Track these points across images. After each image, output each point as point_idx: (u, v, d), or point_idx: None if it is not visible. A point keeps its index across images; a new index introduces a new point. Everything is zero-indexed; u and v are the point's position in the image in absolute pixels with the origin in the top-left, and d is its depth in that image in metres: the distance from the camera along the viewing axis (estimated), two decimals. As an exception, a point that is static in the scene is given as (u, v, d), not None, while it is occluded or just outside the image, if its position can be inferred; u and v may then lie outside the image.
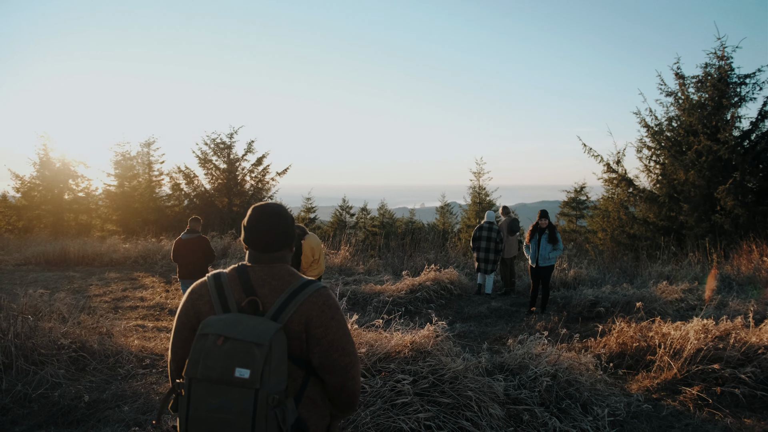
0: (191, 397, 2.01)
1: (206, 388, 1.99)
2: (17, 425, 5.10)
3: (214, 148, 28.63)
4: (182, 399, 2.04)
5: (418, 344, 5.46)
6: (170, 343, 2.28)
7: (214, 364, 1.97)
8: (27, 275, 14.68)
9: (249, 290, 2.19)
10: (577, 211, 32.97)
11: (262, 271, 2.25)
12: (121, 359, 7.00)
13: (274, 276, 2.24)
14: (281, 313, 2.12)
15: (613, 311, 9.76)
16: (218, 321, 2.07)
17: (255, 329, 2.02)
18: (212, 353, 1.99)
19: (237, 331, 2.01)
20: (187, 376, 2.03)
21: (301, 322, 2.14)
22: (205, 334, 2.04)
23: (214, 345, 2.00)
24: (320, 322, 2.16)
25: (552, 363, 5.78)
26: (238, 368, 1.95)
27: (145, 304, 11.44)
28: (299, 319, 2.14)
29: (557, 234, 10.55)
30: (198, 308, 2.22)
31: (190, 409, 2.01)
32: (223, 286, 2.21)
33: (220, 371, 1.96)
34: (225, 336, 2.00)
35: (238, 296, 2.19)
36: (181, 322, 2.26)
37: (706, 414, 5.59)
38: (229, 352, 1.98)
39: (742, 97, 18.64)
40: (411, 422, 4.54)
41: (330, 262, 15.51)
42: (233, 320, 2.07)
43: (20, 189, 28.58)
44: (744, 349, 6.47)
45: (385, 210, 38.22)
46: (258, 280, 2.22)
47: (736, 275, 12.73)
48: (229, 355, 1.97)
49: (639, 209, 21.70)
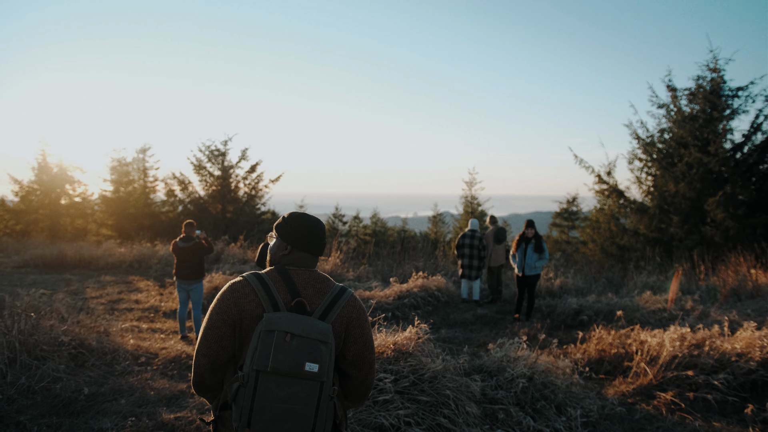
0: (258, 388, 2.15)
1: (275, 381, 2.15)
2: (22, 414, 5.37)
3: (209, 155, 28.86)
4: (246, 390, 2.16)
5: (400, 345, 5.74)
6: (201, 338, 2.37)
7: (285, 358, 2.14)
8: (26, 277, 14.88)
9: (294, 291, 2.37)
10: (569, 222, 33.27)
11: (304, 274, 2.45)
12: (118, 357, 7.29)
13: (316, 279, 2.45)
14: (328, 314, 2.34)
15: (595, 320, 10.04)
16: (280, 318, 2.22)
17: (315, 328, 2.22)
18: (283, 348, 2.15)
19: (301, 329, 2.19)
20: (255, 368, 2.16)
21: (343, 323, 2.38)
22: (271, 331, 2.18)
23: (283, 341, 2.16)
24: (358, 323, 2.42)
25: (529, 366, 6.07)
26: (308, 363, 2.15)
27: (139, 307, 11.68)
28: (341, 320, 2.38)
29: (543, 243, 10.79)
30: (242, 306, 2.32)
31: (256, 400, 2.14)
32: (269, 286, 2.36)
33: (290, 365, 2.14)
34: (292, 333, 2.18)
35: (284, 296, 2.36)
36: (220, 318, 2.33)
37: (677, 418, 5.88)
38: (299, 348, 2.16)
39: (735, 110, 18.80)
40: (391, 418, 4.81)
41: (321, 268, 15.74)
42: (293, 319, 2.23)
43: (18, 193, 28.78)
44: (718, 357, 6.76)
45: (377, 218, 38.45)
46: (302, 282, 2.41)
47: (722, 287, 13.02)
48: (300, 351, 2.16)
49: (630, 220, 21.86)
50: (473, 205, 32.19)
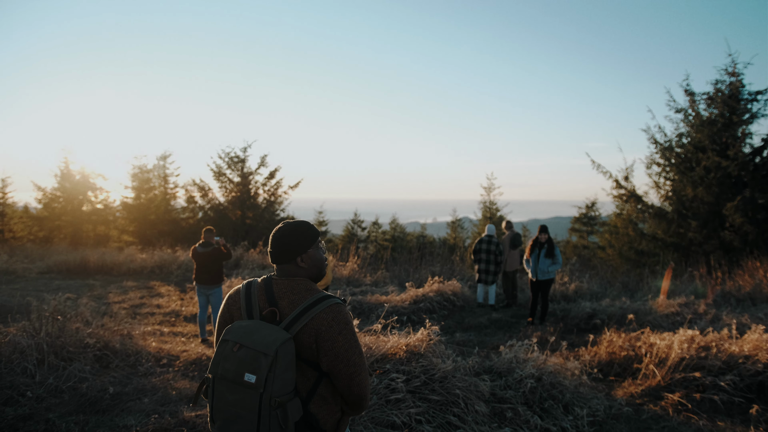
0: (214, 390, 2.38)
1: (224, 386, 2.34)
2: (51, 412, 5.64)
3: (228, 161, 29.27)
4: (209, 390, 2.41)
5: (413, 347, 5.93)
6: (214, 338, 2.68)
7: (230, 367, 2.32)
8: (50, 283, 15.27)
9: (272, 301, 2.51)
10: (588, 227, 33.14)
11: (284, 284, 2.56)
12: (141, 358, 7.59)
13: (293, 290, 2.53)
14: (293, 324, 2.42)
15: (608, 323, 10.15)
16: (239, 328, 2.39)
17: (265, 339, 2.32)
18: (229, 358, 2.33)
19: (251, 340, 2.32)
20: (211, 372, 2.39)
21: (312, 334, 2.41)
22: (225, 340, 2.38)
23: (231, 351, 2.34)
24: (328, 336, 2.42)
25: (538, 367, 6.23)
26: (247, 373, 2.28)
27: (161, 311, 11.97)
28: (309, 331, 2.41)
29: (555, 248, 10.92)
30: (231, 312, 2.59)
31: (214, 400, 2.38)
32: (251, 295, 2.56)
33: (234, 374, 2.30)
34: (240, 344, 2.33)
35: (262, 305, 2.51)
36: (219, 323, 2.64)
37: (683, 418, 6.01)
38: (241, 358, 2.30)
39: (754, 114, 18.68)
40: (403, 416, 5.01)
41: (339, 273, 15.98)
42: (251, 328, 2.38)
43: (42, 200, 29.26)
44: (725, 359, 6.88)
45: (396, 224, 38.54)
46: (279, 292, 2.53)
47: (737, 291, 13.06)
48: (241, 362, 2.30)
49: (648, 225, 21.81)
50: (492, 210, 32.21)
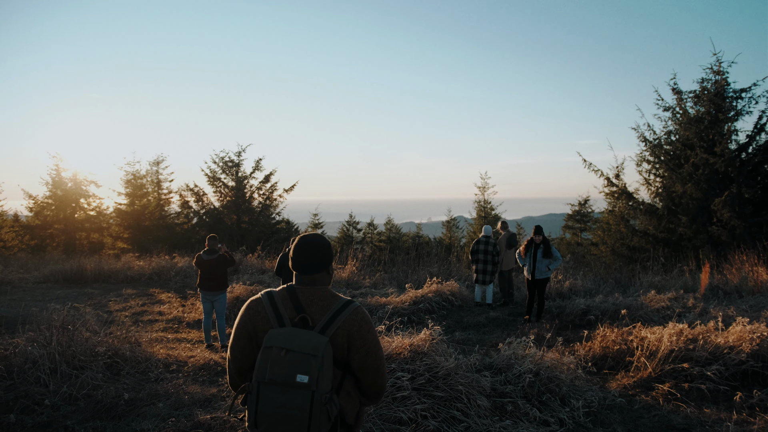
0: (260, 395, 2.52)
1: (272, 390, 2.50)
2: (68, 419, 5.86)
3: (223, 166, 29.41)
4: (251, 396, 2.56)
5: (416, 346, 6.21)
6: (229, 348, 2.86)
7: (279, 371, 2.48)
8: (48, 292, 15.38)
9: (299, 308, 2.71)
10: (581, 224, 33.37)
11: (309, 292, 2.78)
12: (151, 365, 7.82)
13: (320, 297, 2.77)
14: (327, 328, 2.65)
15: (602, 319, 10.44)
16: (279, 335, 2.58)
17: (309, 343, 2.54)
18: (277, 362, 2.50)
19: (295, 345, 2.53)
20: (256, 379, 2.54)
21: (344, 335, 2.67)
22: (269, 347, 2.55)
23: (278, 356, 2.51)
24: (359, 335, 2.70)
25: (535, 362, 6.53)
26: (299, 374, 2.47)
27: (163, 318, 12.18)
28: (342, 332, 2.66)
29: (551, 249, 11.21)
30: (255, 322, 2.74)
31: (258, 405, 2.52)
32: (276, 304, 2.74)
33: (284, 377, 2.48)
34: (287, 349, 2.53)
35: (290, 313, 2.71)
36: (239, 332, 2.78)
37: (672, 406, 6.32)
38: (291, 361, 2.49)
39: (739, 111, 19.20)
40: (409, 413, 5.29)
41: (338, 276, 16.22)
42: (291, 334, 2.58)
43: (33, 209, 29.17)
44: (712, 350, 7.23)
45: (391, 225, 38.79)
46: (306, 300, 2.75)
47: (725, 285, 13.38)
48: (292, 364, 2.48)
49: (639, 222, 22.19)
50: (486, 209, 32.47)
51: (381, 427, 5.20)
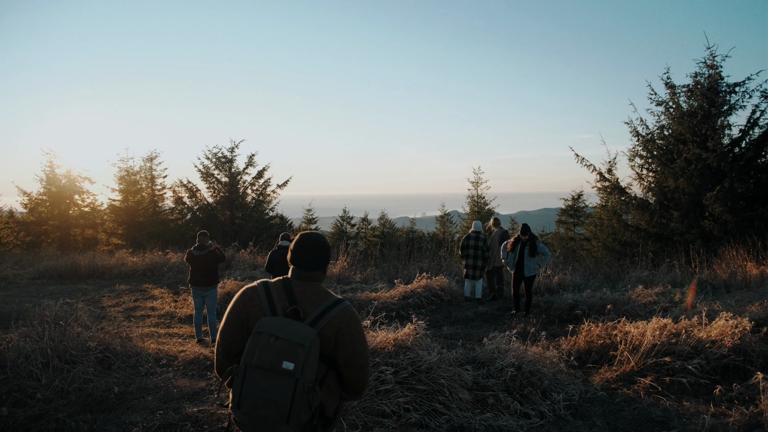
0: (246, 378, 2.64)
1: (258, 373, 2.62)
2: (60, 412, 5.99)
3: (216, 162, 29.44)
4: (237, 379, 2.67)
5: (400, 341, 6.34)
6: (220, 330, 2.96)
7: (267, 356, 2.61)
8: (43, 288, 15.48)
9: (293, 300, 2.84)
10: (574, 219, 33.44)
11: (303, 286, 2.91)
12: (141, 359, 7.96)
13: (314, 292, 2.90)
14: (318, 321, 2.78)
15: (589, 314, 10.55)
16: (270, 323, 2.70)
17: (299, 332, 2.66)
18: (266, 348, 2.62)
19: (285, 333, 2.65)
20: (244, 362, 2.66)
21: (333, 331, 2.79)
22: (260, 333, 2.68)
23: (267, 342, 2.63)
24: (347, 331, 2.82)
25: (518, 357, 6.65)
26: (285, 361, 2.59)
27: (155, 313, 12.29)
28: (331, 328, 2.79)
29: (539, 245, 11.29)
30: (249, 308, 2.86)
31: (243, 387, 2.63)
32: (271, 293, 2.87)
33: (271, 362, 2.60)
34: (276, 336, 2.65)
35: (283, 304, 2.83)
36: (232, 316, 2.88)
37: (652, 399, 6.45)
38: (279, 348, 2.61)
39: (732, 105, 19.14)
40: (392, 406, 5.42)
41: (329, 271, 16.29)
42: (281, 323, 2.70)
43: (27, 205, 29.27)
44: (694, 344, 7.36)
45: (385, 220, 38.83)
46: (300, 293, 2.87)
47: (713, 279, 13.51)
48: (279, 351, 2.61)
49: (632, 216, 22.23)
50: (480, 204, 32.53)
51: (364, 419, 5.33)
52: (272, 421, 2.63)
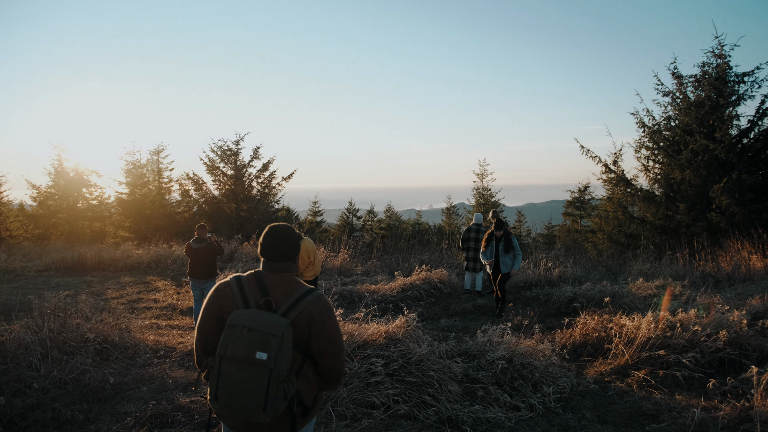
0: (221, 370, 2.69)
1: (233, 365, 2.67)
2: (56, 402, 6.10)
3: (221, 154, 29.51)
4: (213, 371, 2.73)
5: (391, 333, 6.39)
6: (197, 326, 3.03)
7: (240, 347, 2.66)
8: (49, 280, 15.65)
9: (264, 292, 2.91)
10: (580, 211, 33.27)
11: (274, 278, 2.97)
12: (139, 351, 8.07)
13: (285, 283, 2.95)
14: (290, 311, 2.83)
15: (587, 306, 10.54)
16: (243, 315, 2.76)
17: (271, 323, 2.71)
18: (239, 339, 2.67)
19: (257, 324, 2.70)
20: (219, 355, 2.71)
21: (306, 320, 2.83)
22: (233, 325, 2.73)
23: (240, 333, 2.68)
24: (320, 320, 2.87)
25: (510, 349, 6.67)
26: (259, 352, 2.63)
27: (158, 305, 12.39)
28: (303, 317, 2.83)
29: (513, 242, 10.99)
30: (222, 302, 2.93)
31: (219, 379, 2.69)
32: (243, 287, 2.93)
33: (244, 353, 2.65)
34: (249, 327, 2.70)
35: (255, 296, 2.90)
36: (207, 312, 2.96)
37: (645, 393, 6.46)
38: (252, 339, 2.66)
39: (741, 96, 18.79)
40: (382, 397, 5.47)
41: (330, 263, 16.39)
42: (254, 315, 2.75)
43: (37, 198, 29.54)
44: (689, 337, 7.35)
45: (391, 212, 38.79)
46: (271, 285, 2.93)
47: (716, 272, 13.49)
48: (252, 342, 2.66)
49: (637, 209, 22.00)
50: (485, 196, 32.42)
51: (353, 410, 5.38)
52: (249, 410, 2.68)
